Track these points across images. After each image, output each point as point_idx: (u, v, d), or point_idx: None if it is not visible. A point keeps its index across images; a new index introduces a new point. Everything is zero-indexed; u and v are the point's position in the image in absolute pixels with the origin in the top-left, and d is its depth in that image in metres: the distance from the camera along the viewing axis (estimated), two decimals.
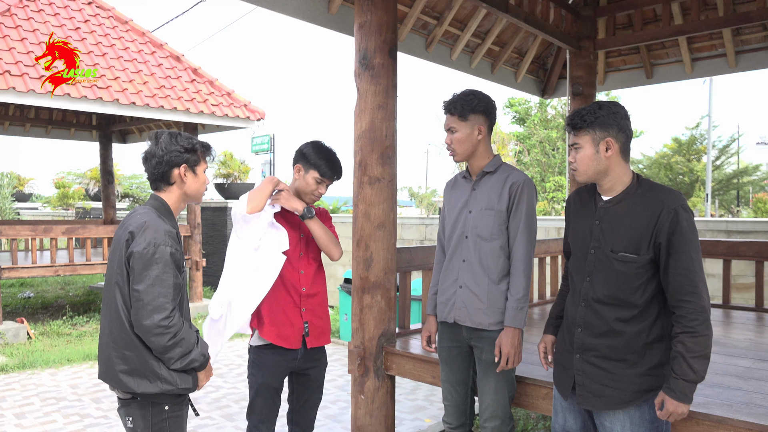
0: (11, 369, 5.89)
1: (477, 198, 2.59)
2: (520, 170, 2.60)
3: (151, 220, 2.12)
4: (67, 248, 8.49)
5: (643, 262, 2.02)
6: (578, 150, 2.12)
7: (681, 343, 1.93)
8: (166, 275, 2.07)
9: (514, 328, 2.47)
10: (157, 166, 2.20)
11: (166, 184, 2.24)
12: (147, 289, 2.03)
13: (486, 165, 2.60)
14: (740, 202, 22.57)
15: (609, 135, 2.07)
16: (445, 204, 2.78)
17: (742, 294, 5.82)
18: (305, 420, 2.91)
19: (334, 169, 2.82)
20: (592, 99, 5.38)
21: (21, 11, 7.71)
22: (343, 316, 6.81)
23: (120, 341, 2.09)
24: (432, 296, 2.78)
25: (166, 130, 2.27)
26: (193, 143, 2.25)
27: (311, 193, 2.81)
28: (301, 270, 2.81)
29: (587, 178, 2.14)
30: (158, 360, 2.09)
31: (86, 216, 17.32)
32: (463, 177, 2.72)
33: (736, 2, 5.07)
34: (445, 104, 2.59)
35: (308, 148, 2.82)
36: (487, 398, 2.57)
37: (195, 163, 2.25)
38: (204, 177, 2.30)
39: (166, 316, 2.03)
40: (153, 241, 2.07)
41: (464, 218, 2.61)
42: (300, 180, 2.83)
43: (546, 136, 23.16)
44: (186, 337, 2.10)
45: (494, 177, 2.58)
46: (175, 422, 2.19)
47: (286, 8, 4.06)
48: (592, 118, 2.07)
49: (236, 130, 9.37)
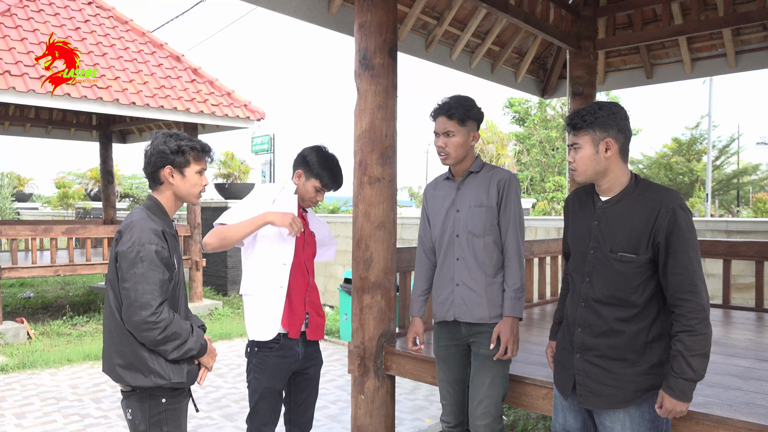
0: (11, 369, 5.89)
1: (464, 197, 2.65)
2: (501, 167, 2.70)
3: (138, 219, 2.18)
4: (67, 248, 8.49)
5: (642, 262, 2.03)
6: (578, 150, 2.12)
7: (680, 341, 1.94)
8: (151, 272, 2.11)
9: (513, 317, 2.54)
10: (147, 165, 2.28)
11: (158, 184, 2.29)
12: (133, 286, 2.10)
13: (471, 166, 2.68)
14: (740, 202, 22.58)
15: (609, 135, 2.07)
16: (428, 206, 2.82)
17: (742, 294, 5.82)
18: (304, 419, 2.91)
19: (336, 180, 2.82)
20: (592, 99, 5.38)
21: (21, 11, 7.71)
22: (343, 316, 6.81)
23: (116, 337, 2.17)
24: (416, 298, 2.83)
25: (164, 131, 2.30)
26: (181, 145, 2.24)
27: (309, 200, 2.83)
28: (305, 260, 2.84)
29: (586, 178, 2.14)
30: (151, 354, 2.15)
31: (86, 216, 17.31)
32: (446, 178, 2.77)
33: (736, 2, 5.07)
34: (442, 108, 2.61)
35: (312, 155, 2.80)
36: (480, 393, 2.58)
37: (182, 165, 2.26)
38: (195, 179, 2.30)
39: (152, 312, 2.09)
40: (138, 240, 2.13)
41: (453, 218, 2.66)
42: (300, 185, 2.83)
43: (546, 136, 23.18)
44: (177, 330, 2.15)
45: (480, 176, 2.65)
46: (172, 415, 2.24)
47: (286, 8, 4.06)
48: (592, 119, 2.07)
49: (236, 130, 9.37)
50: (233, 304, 9.56)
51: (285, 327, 2.72)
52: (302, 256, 2.82)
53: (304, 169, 2.80)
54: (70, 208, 19.86)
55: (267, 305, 2.71)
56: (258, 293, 2.74)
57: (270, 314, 2.70)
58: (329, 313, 8.79)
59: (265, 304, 2.71)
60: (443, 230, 2.69)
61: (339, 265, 9.46)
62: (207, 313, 8.86)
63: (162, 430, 2.22)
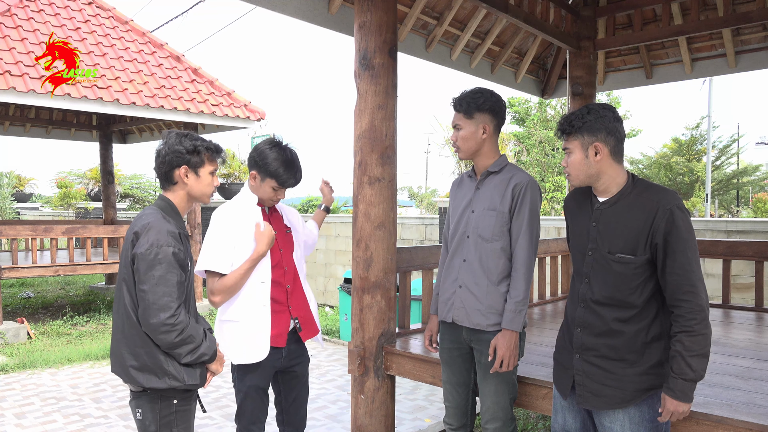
0: (11, 369, 5.89)
1: (480, 198, 2.57)
2: (524, 171, 2.57)
3: (155, 221, 2.18)
4: (67, 248, 8.49)
5: (641, 263, 2.03)
6: (569, 155, 2.14)
7: (680, 342, 1.94)
8: (170, 275, 2.12)
9: (511, 330, 2.45)
10: (160, 165, 2.27)
11: (171, 184, 2.29)
12: (152, 288, 2.10)
13: (491, 164, 2.57)
14: (740, 202, 22.57)
15: (597, 140, 2.07)
16: (451, 203, 2.76)
17: (741, 294, 5.82)
18: (296, 418, 2.88)
19: (294, 176, 2.64)
20: (592, 99, 5.38)
21: (21, 11, 7.71)
22: (343, 316, 6.81)
23: (130, 338, 2.17)
24: (436, 296, 2.76)
25: (176, 130, 2.31)
26: (196, 145, 2.27)
27: (269, 200, 2.69)
28: (285, 267, 2.75)
29: (580, 182, 2.16)
30: (166, 356, 2.16)
31: (87, 216, 17.32)
32: (469, 176, 2.69)
33: (736, 2, 5.07)
34: (453, 101, 2.58)
35: (261, 155, 2.62)
36: (487, 401, 2.57)
37: (197, 165, 2.28)
38: (209, 179, 2.33)
39: (171, 314, 2.10)
40: (155, 242, 2.13)
41: (467, 218, 2.60)
42: (256, 187, 2.68)
43: (546, 136, 23.18)
44: (193, 333, 2.17)
45: (498, 177, 2.55)
46: (182, 416, 2.26)
47: (286, 8, 4.06)
48: (579, 123, 2.08)
49: (236, 130, 9.37)
50: None
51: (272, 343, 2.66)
52: (282, 263, 2.73)
53: (258, 170, 2.64)
54: (71, 208, 19.86)
55: (253, 328, 2.62)
56: (241, 318, 2.62)
57: (258, 337, 2.62)
58: (329, 313, 8.79)
59: (250, 328, 2.62)
60: (456, 229, 2.64)
61: (339, 265, 9.45)
62: (206, 313, 8.85)
63: (172, 431, 2.24)
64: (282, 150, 2.64)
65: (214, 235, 2.61)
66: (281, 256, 2.75)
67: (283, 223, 2.85)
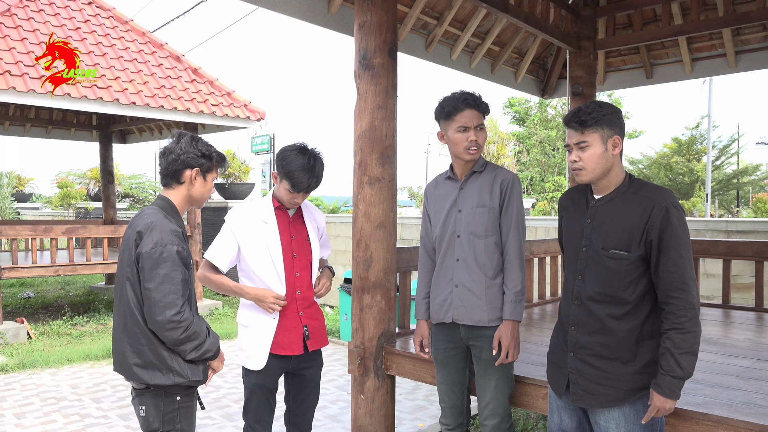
0: (11, 369, 5.89)
1: (466, 197, 2.61)
2: (505, 168, 2.66)
3: (157, 220, 2.22)
4: (67, 248, 8.49)
5: (634, 259, 2.03)
6: (585, 148, 2.07)
7: (669, 339, 1.95)
8: (174, 273, 2.17)
9: (513, 320, 2.51)
10: (172, 162, 2.30)
11: (176, 183, 2.32)
12: (157, 287, 2.13)
13: (474, 165, 2.64)
14: (740, 202, 22.57)
15: (615, 133, 2.07)
16: (429, 206, 2.78)
17: (742, 294, 5.82)
18: (303, 420, 2.92)
19: (307, 182, 2.66)
20: (592, 99, 5.38)
21: (21, 11, 7.71)
22: (343, 316, 6.81)
23: (134, 335, 2.19)
24: (421, 300, 2.78)
25: (189, 133, 2.37)
26: (211, 150, 2.35)
27: (288, 201, 2.75)
28: (296, 272, 2.78)
29: (593, 177, 2.09)
30: (170, 352, 2.20)
31: (87, 216, 17.31)
32: (447, 178, 2.73)
33: (736, 2, 5.07)
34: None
35: (283, 156, 2.69)
36: (486, 396, 2.58)
37: (207, 170, 2.36)
38: (211, 185, 2.41)
39: (177, 311, 2.14)
40: (160, 241, 2.17)
41: (454, 218, 2.63)
42: (277, 186, 2.77)
43: (546, 136, 23.18)
44: (198, 330, 2.22)
45: (482, 176, 2.62)
46: (185, 413, 2.29)
47: (286, 8, 4.06)
48: (599, 116, 2.04)
49: (236, 130, 9.37)
50: (233, 304, 9.55)
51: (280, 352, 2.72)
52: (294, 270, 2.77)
53: (278, 170, 2.71)
54: (71, 208, 19.85)
55: (257, 337, 2.73)
56: (250, 324, 2.76)
57: (260, 346, 2.72)
58: (329, 313, 8.79)
59: (255, 336, 2.73)
60: (444, 230, 2.66)
61: (339, 265, 9.45)
62: (207, 313, 8.87)
63: (175, 428, 2.27)
64: (303, 155, 2.67)
65: (223, 232, 2.76)
66: (295, 263, 2.78)
67: (305, 230, 2.86)
